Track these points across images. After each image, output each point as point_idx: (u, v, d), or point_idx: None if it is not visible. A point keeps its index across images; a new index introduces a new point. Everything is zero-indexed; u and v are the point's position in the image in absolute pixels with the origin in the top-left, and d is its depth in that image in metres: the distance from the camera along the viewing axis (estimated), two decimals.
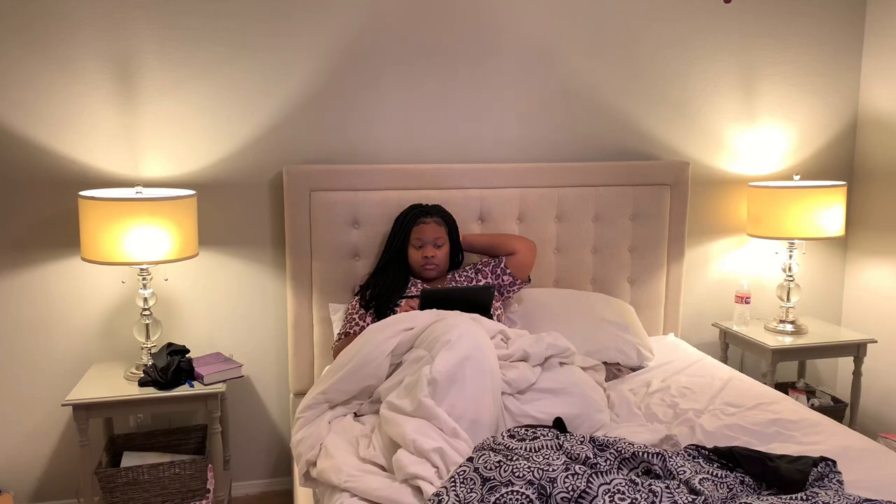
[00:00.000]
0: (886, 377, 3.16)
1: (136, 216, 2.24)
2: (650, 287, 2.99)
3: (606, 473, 1.51)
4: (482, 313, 2.19)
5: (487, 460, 1.57)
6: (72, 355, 2.61)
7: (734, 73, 3.08)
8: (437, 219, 2.52)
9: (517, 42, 2.83)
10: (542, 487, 1.48)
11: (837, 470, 1.70)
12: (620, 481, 1.49)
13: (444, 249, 2.49)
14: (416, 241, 2.48)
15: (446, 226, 2.53)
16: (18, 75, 2.44)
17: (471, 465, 1.57)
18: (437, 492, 1.51)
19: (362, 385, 1.98)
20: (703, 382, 2.42)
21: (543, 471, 1.51)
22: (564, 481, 1.48)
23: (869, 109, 3.22)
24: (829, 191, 2.90)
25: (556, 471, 1.51)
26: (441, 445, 1.66)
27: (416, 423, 1.71)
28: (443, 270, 2.52)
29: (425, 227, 2.48)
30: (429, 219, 2.50)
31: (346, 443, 1.83)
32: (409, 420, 1.72)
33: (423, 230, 2.47)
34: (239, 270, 2.73)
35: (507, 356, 2.00)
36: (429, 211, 2.53)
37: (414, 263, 2.49)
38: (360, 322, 2.41)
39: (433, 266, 2.47)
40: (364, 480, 1.66)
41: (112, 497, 2.36)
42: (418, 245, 2.47)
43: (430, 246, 2.46)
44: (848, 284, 3.37)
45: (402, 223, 2.53)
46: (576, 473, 1.50)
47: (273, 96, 2.65)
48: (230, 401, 2.76)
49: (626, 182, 2.91)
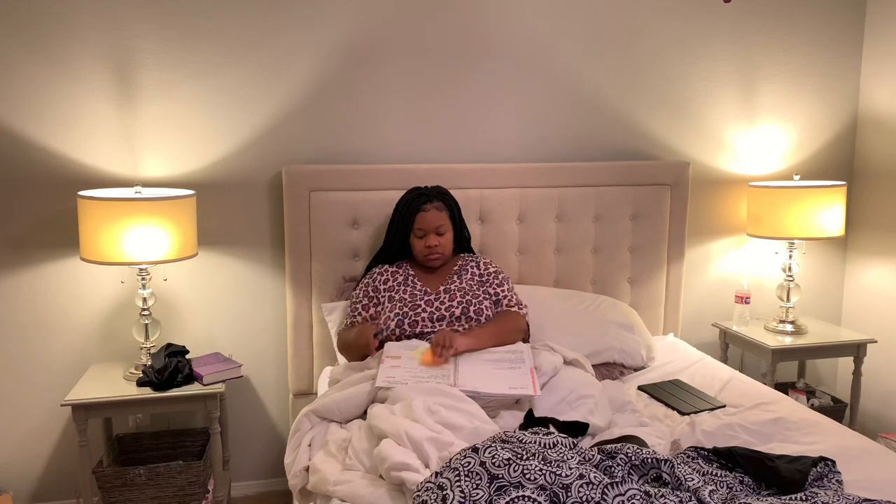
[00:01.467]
0: (886, 377, 3.16)
1: (136, 216, 2.24)
2: (650, 287, 2.99)
3: (621, 483, 1.46)
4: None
5: (496, 455, 1.49)
6: (71, 355, 2.61)
7: (734, 73, 3.08)
8: (438, 203, 2.41)
9: (517, 42, 2.83)
10: (554, 494, 1.42)
11: (837, 470, 1.70)
12: (635, 492, 1.44)
13: (447, 236, 2.41)
14: (418, 230, 2.39)
15: (448, 210, 2.44)
16: (18, 75, 2.44)
17: (476, 456, 1.50)
18: (440, 483, 1.44)
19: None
20: (703, 382, 2.43)
21: (556, 475, 1.45)
22: (579, 491, 1.42)
23: (869, 109, 3.21)
24: (829, 191, 2.90)
25: (570, 477, 1.45)
26: (435, 436, 1.67)
27: (409, 421, 1.73)
28: (447, 257, 2.45)
29: (426, 216, 2.38)
30: (429, 205, 2.39)
31: (328, 455, 1.83)
32: (402, 419, 1.74)
33: (425, 219, 2.38)
34: (238, 270, 2.72)
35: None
36: (429, 196, 2.42)
37: (418, 253, 2.42)
38: (363, 312, 2.38)
39: (437, 255, 2.40)
40: (351, 486, 1.66)
41: (111, 497, 2.36)
42: (420, 235, 2.39)
43: (432, 235, 2.38)
44: (848, 284, 3.37)
45: (402, 212, 2.44)
46: (591, 483, 1.44)
47: (272, 96, 2.65)
48: (229, 401, 2.76)
49: (626, 182, 2.90)
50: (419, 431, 1.68)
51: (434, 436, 1.68)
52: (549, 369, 2.12)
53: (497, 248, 2.79)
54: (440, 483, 1.45)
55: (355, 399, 2.00)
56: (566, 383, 2.07)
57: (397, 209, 2.48)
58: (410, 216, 2.40)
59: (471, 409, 1.85)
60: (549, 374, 2.11)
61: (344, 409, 2.00)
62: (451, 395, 1.87)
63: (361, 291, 2.43)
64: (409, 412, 1.77)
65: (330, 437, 1.90)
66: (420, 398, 1.81)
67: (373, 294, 2.40)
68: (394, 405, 1.84)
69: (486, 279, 2.43)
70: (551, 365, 2.14)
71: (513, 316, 2.34)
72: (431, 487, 1.44)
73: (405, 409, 1.79)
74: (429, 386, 1.90)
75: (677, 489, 1.54)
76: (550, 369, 2.12)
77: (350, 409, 2.00)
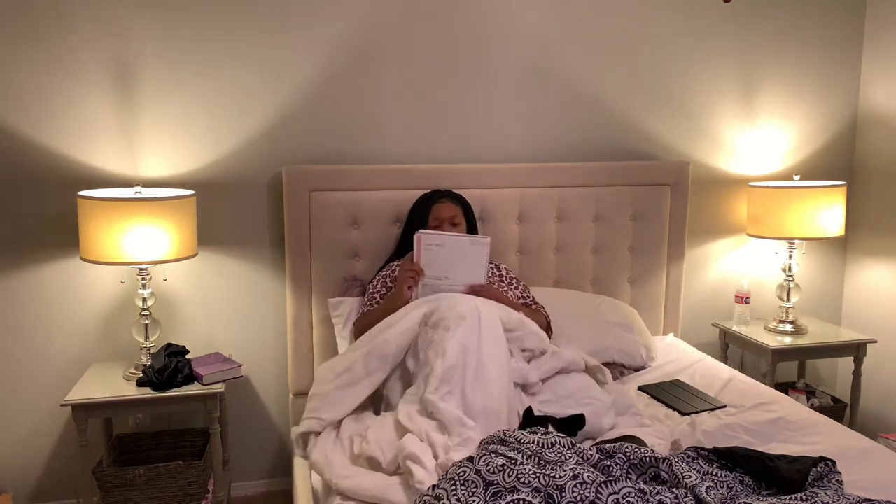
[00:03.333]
0: (886, 377, 3.16)
1: (136, 216, 2.24)
2: (650, 287, 2.98)
3: (616, 482, 1.47)
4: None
5: (490, 462, 1.51)
6: (71, 355, 2.61)
7: (734, 73, 3.08)
8: (454, 199, 2.56)
9: (517, 42, 2.83)
10: (549, 496, 1.43)
11: (837, 470, 1.70)
12: (630, 490, 1.45)
13: (460, 227, 2.50)
14: (434, 219, 2.49)
15: (461, 206, 2.56)
16: (18, 75, 2.44)
17: (471, 465, 1.52)
18: (437, 494, 1.46)
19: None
20: (703, 383, 2.43)
21: (550, 478, 1.46)
22: (573, 490, 1.43)
23: (869, 109, 3.21)
24: (829, 191, 2.90)
25: (563, 478, 1.46)
26: (451, 445, 1.69)
27: (431, 423, 1.77)
28: None
29: (442, 206, 2.51)
30: (445, 199, 2.54)
31: (337, 442, 1.85)
32: (426, 419, 1.78)
33: (440, 208, 2.50)
34: (238, 270, 2.72)
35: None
36: (444, 193, 2.57)
37: None
38: (381, 301, 2.41)
39: None
40: (356, 481, 1.67)
41: (111, 497, 2.36)
42: (435, 224, 2.48)
43: (447, 223, 2.48)
44: (848, 284, 3.37)
45: (420, 205, 2.55)
46: (584, 482, 1.45)
47: (272, 96, 2.65)
48: (229, 401, 2.76)
49: (626, 182, 2.90)
50: (438, 439, 1.71)
51: (449, 445, 1.71)
52: (568, 360, 2.15)
53: (497, 248, 2.78)
54: (437, 494, 1.46)
55: (410, 325, 2.05)
56: (578, 383, 2.11)
57: (415, 204, 2.58)
58: (427, 207, 2.52)
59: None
60: (565, 362, 2.14)
61: (403, 340, 2.03)
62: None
63: (380, 282, 2.47)
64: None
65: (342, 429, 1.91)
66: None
67: (391, 284, 2.44)
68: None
69: (507, 280, 2.54)
70: (571, 358, 2.17)
71: (539, 316, 2.45)
72: (429, 500, 1.45)
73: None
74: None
75: (675, 487, 1.54)
76: (569, 361, 2.15)
77: (407, 338, 2.04)
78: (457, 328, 1.93)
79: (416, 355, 2.01)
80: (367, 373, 2.00)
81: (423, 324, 2.05)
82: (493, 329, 1.99)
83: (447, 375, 1.83)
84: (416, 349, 2.02)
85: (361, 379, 2.00)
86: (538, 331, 2.19)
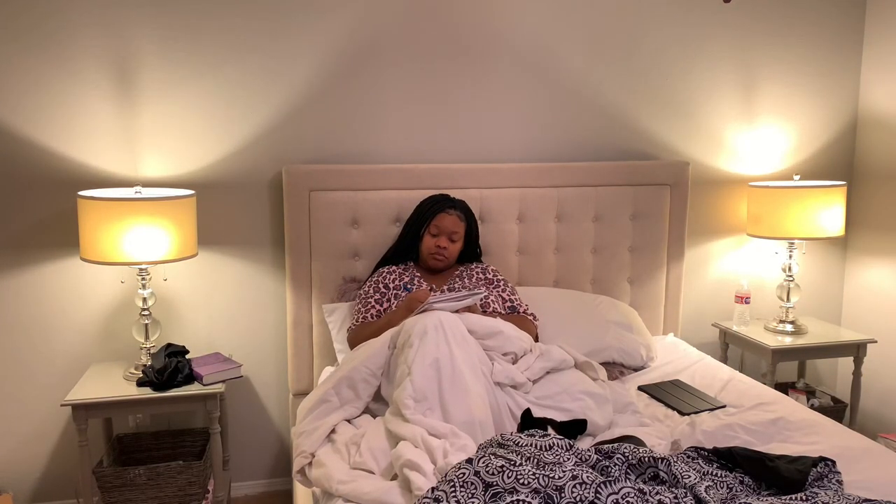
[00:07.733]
0: (886, 377, 3.16)
1: (136, 216, 2.24)
2: (650, 287, 2.98)
3: (615, 482, 1.47)
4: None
5: (489, 463, 1.51)
6: (71, 355, 2.61)
7: (734, 73, 3.08)
8: (461, 213, 2.50)
9: (517, 42, 2.83)
10: (548, 496, 1.43)
11: (837, 470, 1.70)
12: (629, 490, 1.45)
13: (457, 245, 2.49)
14: (434, 227, 2.47)
15: (466, 223, 2.52)
16: (19, 75, 2.44)
17: (470, 467, 1.52)
18: (437, 496, 1.46)
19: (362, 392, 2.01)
20: (703, 383, 2.43)
21: (549, 478, 1.46)
22: (572, 491, 1.43)
23: (869, 109, 3.21)
24: (829, 191, 2.90)
25: (563, 479, 1.46)
26: (447, 446, 1.68)
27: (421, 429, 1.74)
28: (450, 263, 2.52)
29: (447, 217, 2.46)
30: (453, 211, 2.48)
31: (335, 452, 1.84)
32: (414, 426, 1.76)
33: (444, 219, 2.46)
34: (238, 270, 2.72)
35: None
36: (455, 204, 2.51)
37: (425, 249, 2.49)
38: (375, 306, 2.40)
39: (442, 258, 2.47)
40: (355, 485, 1.66)
41: (111, 497, 2.36)
42: (434, 233, 2.46)
43: (445, 237, 2.46)
44: (848, 284, 3.37)
45: (425, 207, 2.51)
46: (584, 483, 1.45)
47: (272, 96, 2.65)
48: (229, 401, 2.76)
49: (626, 182, 2.90)
50: (434, 442, 1.69)
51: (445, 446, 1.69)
52: (557, 360, 2.14)
53: (497, 248, 2.79)
54: (436, 496, 1.46)
55: (379, 347, 2.02)
56: (571, 378, 2.10)
57: (421, 205, 2.55)
58: (432, 213, 2.48)
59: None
60: (555, 362, 2.13)
61: (372, 364, 2.00)
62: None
63: (371, 288, 2.46)
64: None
65: (338, 435, 1.90)
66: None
67: (383, 290, 2.43)
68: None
69: (494, 283, 2.51)
70: (560, 357, 2.16)
71: (528, 324, 2.42)
72: (428, 501, 1.45)
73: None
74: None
75: (674, 486, 1.54)
76: (558, 360, 2.14)
77: (378, 361, 2.01)
78: (421, 343, 1.90)
79: (390, 378, 1.99)
80: (340, 403, 1.98)
81: (391, 346, 2.02)
82: (460, 337, 1.96)
83: (422, 393, 1.81)
84: (389, 373, 2.00)
85: (335, 410, 1.97)
86: (519, 334, 2.15)
